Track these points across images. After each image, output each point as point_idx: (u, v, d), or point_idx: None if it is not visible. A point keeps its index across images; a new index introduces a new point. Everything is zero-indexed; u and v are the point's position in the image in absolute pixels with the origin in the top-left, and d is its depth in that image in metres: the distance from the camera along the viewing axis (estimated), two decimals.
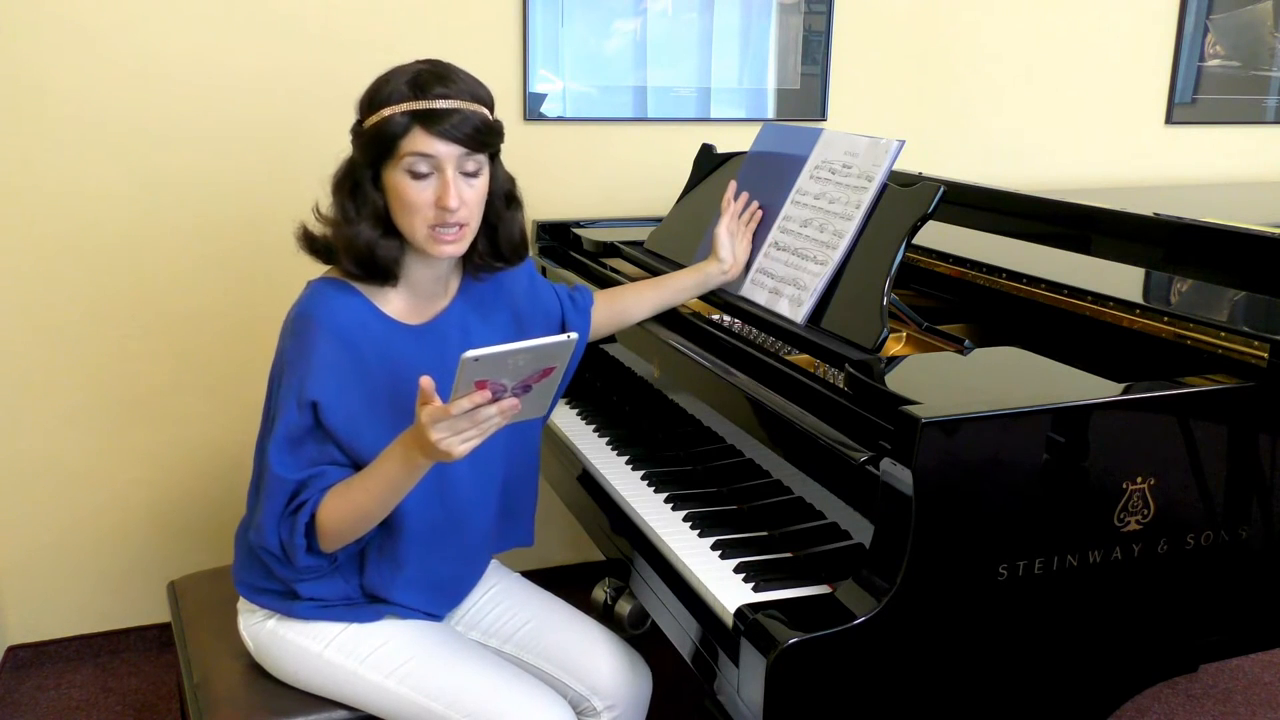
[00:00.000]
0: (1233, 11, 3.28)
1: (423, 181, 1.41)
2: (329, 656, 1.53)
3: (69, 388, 2.40)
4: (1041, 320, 1.71)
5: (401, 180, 1.41)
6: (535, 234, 2.55)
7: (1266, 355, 1.38)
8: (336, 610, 1.54)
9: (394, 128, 1.39)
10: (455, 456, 1.28)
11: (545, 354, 1.21)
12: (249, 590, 1.58)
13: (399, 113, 1.39)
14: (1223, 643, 1.49)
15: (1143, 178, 3.31)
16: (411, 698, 1.51)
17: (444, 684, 1.51)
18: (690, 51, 2.71)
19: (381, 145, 1.41)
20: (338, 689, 1.54)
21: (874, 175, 1.67)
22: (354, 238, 1.43)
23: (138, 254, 2.38)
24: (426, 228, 1.42)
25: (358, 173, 1.45)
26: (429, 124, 1.39)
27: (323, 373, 1.42)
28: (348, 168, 1.47)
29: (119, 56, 2.28)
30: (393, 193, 1.43)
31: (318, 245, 1.51)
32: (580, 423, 2.02)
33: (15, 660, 2.50)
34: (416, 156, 1.39)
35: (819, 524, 1.45)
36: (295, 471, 1.43)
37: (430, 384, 1.25)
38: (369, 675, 1.52)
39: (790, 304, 1.70)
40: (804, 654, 1.21)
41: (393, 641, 1.54)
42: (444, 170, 1.40)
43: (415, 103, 1.39)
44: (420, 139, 1.39)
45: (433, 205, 1.41)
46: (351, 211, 1.44)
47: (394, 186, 1.42)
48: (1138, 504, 1.33)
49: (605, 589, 2.33)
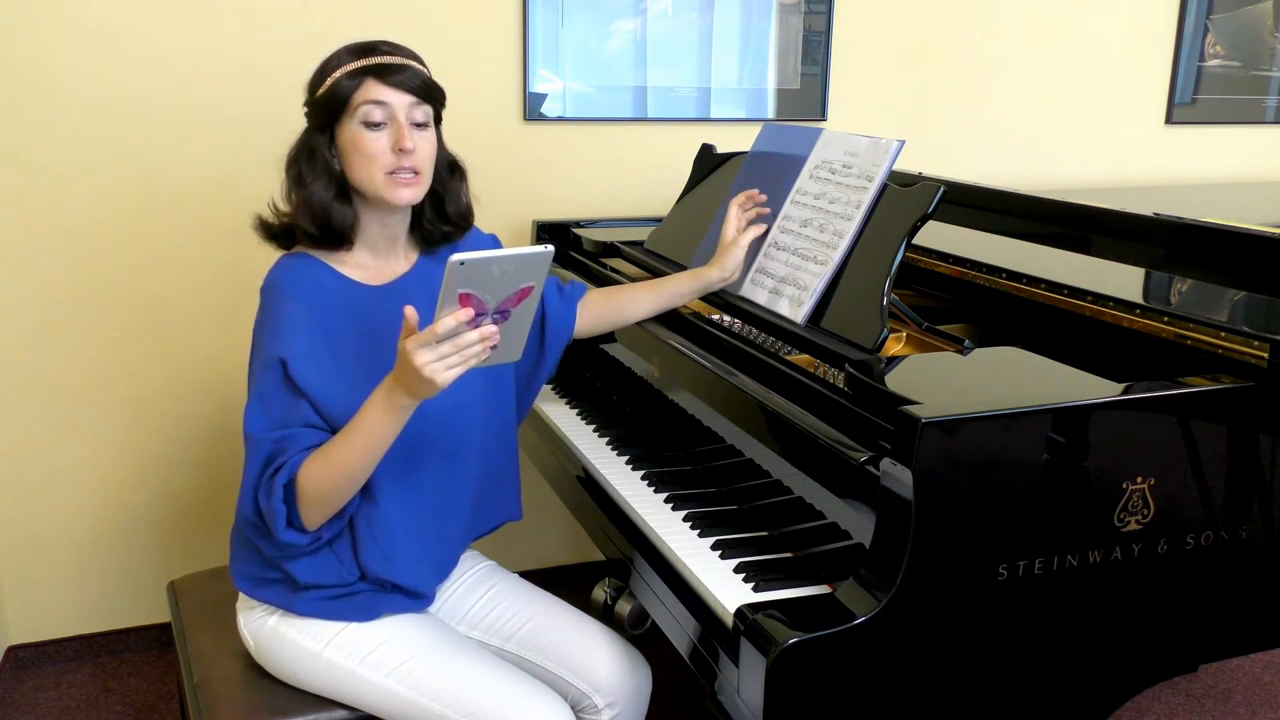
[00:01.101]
0: (1233, 11, 3.28)
1: (377, 130, 1.48)
2: (328, 656, 1.53)
3: (69, 388, 2.40)
4: (1041, 320, 1.71)
5: (358, 132, 1.48)
6: (535, 234, 2.55)
7: (1266, 355, 1.38)
8: (337, 605, 1.54)
9: (348, 84, 1.48)
10: (439, 385, 1.31)
11: (525, 265, 1.28)
12: (248, 583, 1.58)
13: (353, 69, 1.48)
14: (1223, 643, 1.49)
15: (1143, 178, 3.31)
16: (411, 697, 1.51)
17: (444, 683, 1.51)
18: (690, 51, 2.72)
19: (336, 103, 1.49)
20: (337, 688, 1.54)
21: (874, 175, 1.67)
22: (309, 199, 1.51)
23: (137, 253, 2.38)
24: (384, 174, 1.49)
25: (312, 140, 1.53)
26: (380, 75, 1.48)
27: (289, 331, 1.46)
28: (302, 139, 1.55)
29: (119, 55, 2.28)
30: (350, 147, 1.50)
31: (275, 230, 1.58)
32: (580, 423, 2.02)
33: (15, 660, 2.50)
34: (371, 105, 1.47)
35: (819, 524, 1.45)
36: (269, 430, 1.45)
37: (414, 313, 1.31)
38: (368, 675, 1.52)
39: (790, 304, 1.70)
40: (804, 654, 1.21)
41: (392, 640, 1.54)
42: (396, 118, 1.49)
43: (366, 59, 1.49)
44: (373, 88, 1.48)
45: (389, 151, 1.48)
46: (308, 176, 1.51)
47: (351, 140, 1.49)
48: (1138, 504, 1.33)
49: (605, 589, 2.33)
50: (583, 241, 2.46)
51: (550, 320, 1.78)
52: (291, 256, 1.55)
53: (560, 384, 2.21)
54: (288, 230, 1.57)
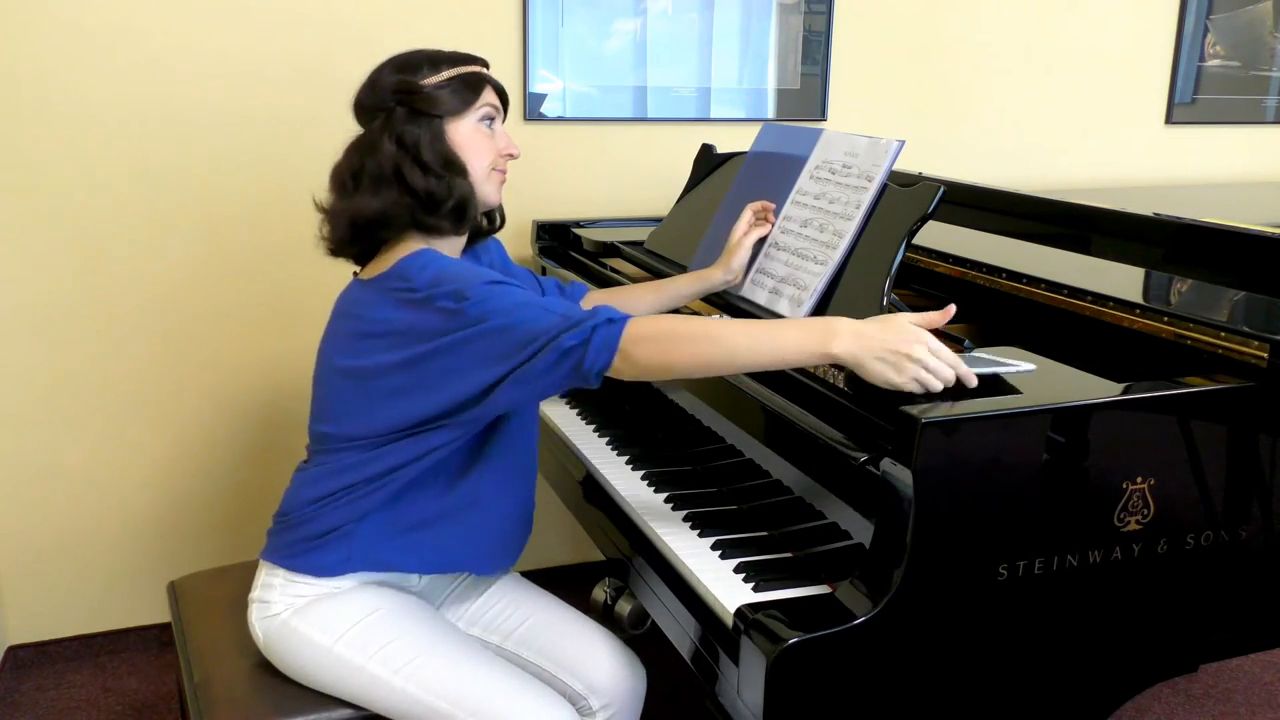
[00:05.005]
0: (1233, 11, 3.28)
1: (491, 129, 1.58)
2: (338, 651, 1.53)
3: (69, 388, 2.40)
4: (1041, 320, 1.71)
5: (476, 129, 1.56)
6: (535, 234, 2.55)
7: (1266, 355, 1.38)
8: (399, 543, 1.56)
9: (475, 83, 1.55)
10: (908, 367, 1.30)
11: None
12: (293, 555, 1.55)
13: (473, 72, 1.56)
14: (1223, 642, 1.49)
15: (1143, 178, 3.31)
16: (417, 694, 1.52)
17: (450, 682, 1.52)
18: (690, 51, 2.72)
19: (465, 95, 1.54)
20: (344, 684, 1.54)
21: (874, 175, 1.67)
22: (452, 187, 1.51)
23: (138, 253, 2.38)
24: (490, 170, 1.57)
25: (428, 127, 1.52)
26: (493, 83, 1.59)
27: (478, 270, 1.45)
28: (412, 128, 1.51)
29: (120, 56, 2.28)
30: (466, 142, 1.55)
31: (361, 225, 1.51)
32: (580, 423, 2.02)
33: (15, 660, 2.50)
34: (492, 107, 1.58)
35: (819, 524, 1.45)
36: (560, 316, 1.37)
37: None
38: (377, 671, 1.52)
39: (790, 304, 1.70)
40: (804, 654, 1.21)
41: (402, 638, 1.54)
42: (500, 125, 1.60)
43: (478, 66, 1.58)
44: (491, 95, 1.58)
45: (497, 152, 1.58)
46: (437, 163, 1.51)
47: (466, 135, 1.55)
48: (1138, 504, 1.33)
49: (605, 589, 2.32)
50: (583, 241, 2.46)
51: None
52: (425, 251, 1.49)
53: None
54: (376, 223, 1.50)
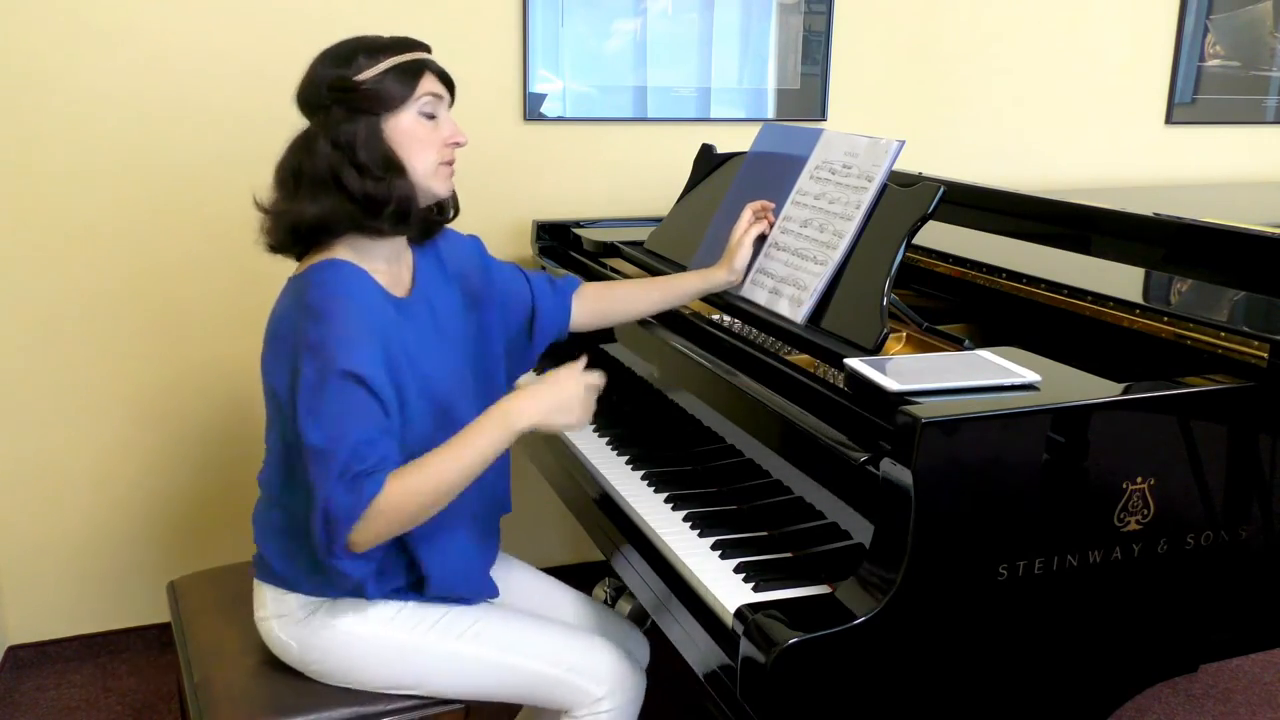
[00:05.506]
0: (1233, 11, 3.28)
1: (432, 121, 1.50)
2: (390, 636, 1.53)
3: (69, 387, 2.40)
4: (1041, 320, 1.71)
5: (415, 122, 1.48)
6: (535, 234, 2.55)
7: (1266, 355, 1.38)
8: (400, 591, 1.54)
9: (411, 73, 1.47)
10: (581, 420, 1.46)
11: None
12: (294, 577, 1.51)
13: (410, 60, 1.47)
14: (1223, 642, 1.49)
15: (1143, 178, 3.31)
16: (487, 654, 1.54)
17: (517, 634, 1.57)
18: (690, 51, 2.71)
19: (401, 87, 1.46)
20: (405, 666, 1.53)
21: (874, 175, 1.67)
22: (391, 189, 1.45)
23: (137, 253, 2.38)
24: (437, 164, 1.51)
25: (365, 125, 1.45)
26: (433, 68, 1.50)
27: (360, 343, 1.38)
28: (360, 127, 1.44)
29: (121, 55, 2.28)
30: (404, 136, 1.47)
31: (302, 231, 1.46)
32: None
33: (15, 660, 2.50)
34: (432, 97, 1.49)
35: (819, 524, 1.45)
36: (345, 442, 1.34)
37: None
38: (440, 643, 1.53)
39: (790, 304, 1.70)
40: (804, 654, 1.21)
41: (453, 610, 1.57)
42: (444, 112, 1.51)
43: (418, 53, 1.49)
44: (432, 81, 1.49)
45: (441, 144, 1.50)
46: (375, 164, 1.44)
47: (405, 129, 1.47)
48: (1138, 504, 1.33)
49: (605, 589, 2.33)
50: (583, 241, 2.46)
51: (540, 315, 1.75)
52: (335, 265, 1.44)
53: None
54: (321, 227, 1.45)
